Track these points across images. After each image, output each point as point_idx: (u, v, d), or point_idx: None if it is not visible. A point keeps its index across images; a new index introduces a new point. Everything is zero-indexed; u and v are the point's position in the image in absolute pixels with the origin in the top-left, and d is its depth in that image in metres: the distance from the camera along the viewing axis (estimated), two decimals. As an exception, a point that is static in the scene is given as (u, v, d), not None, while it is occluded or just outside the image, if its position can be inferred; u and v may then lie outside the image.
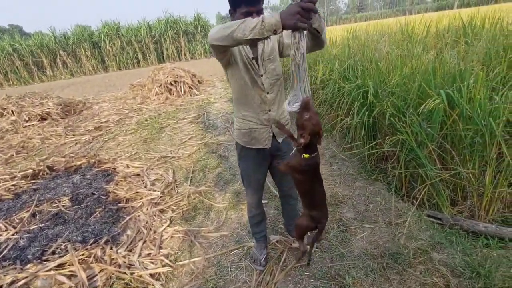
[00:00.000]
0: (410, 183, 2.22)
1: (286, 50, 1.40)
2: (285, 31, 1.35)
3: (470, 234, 1.82)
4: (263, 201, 2.46)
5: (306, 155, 1.12)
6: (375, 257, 1.76)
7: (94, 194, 2.85)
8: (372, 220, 2.07)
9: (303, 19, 0.93)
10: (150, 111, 6.16)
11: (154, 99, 7.10)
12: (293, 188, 1.79)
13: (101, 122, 5.60)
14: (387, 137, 2.21)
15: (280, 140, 1.54)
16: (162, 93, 7.20)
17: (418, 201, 2.02)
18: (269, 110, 1.44)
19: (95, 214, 2.51)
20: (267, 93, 1.40)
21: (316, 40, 1.20)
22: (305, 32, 1.03)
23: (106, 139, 4.69)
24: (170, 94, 7.24)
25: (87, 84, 12.56)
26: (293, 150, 1.20)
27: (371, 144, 2.44)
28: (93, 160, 3.62)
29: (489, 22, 3.79)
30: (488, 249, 1.68)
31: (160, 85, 7.33)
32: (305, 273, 1.74)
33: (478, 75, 1.93)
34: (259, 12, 1.25)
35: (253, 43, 1.35)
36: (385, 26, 5.90)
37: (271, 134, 1.49)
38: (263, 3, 1.28)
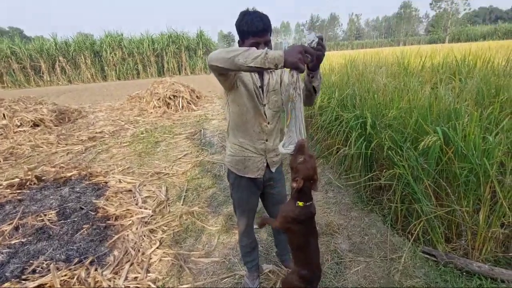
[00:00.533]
0: (406, 217, 2.22)
1: (283, 89, 1.43)
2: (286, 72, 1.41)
3: (464, 273, 1.80)
4: (255, 227, 2.41)
5: (300, 203, 1.07)
6: (370, 293, 1.72)
7: (82, 208, 2.76)
8: (367, 253, 2.04)
9: (303, 60, 0.99)
10: (146, 124, 6.13)
11: (151, 112, 7.10)
12: None
13: (96, 132, 5.54)
14: (384, 170, 2.23)
15: (273, 169, 1.53)
16: (160, 107, 7.22)
17: (413, 237, 2.01)
18: (266, 140, 1.45)
19: (81, 231, 2.42)
20: (268, 123, 1.42)
21: (309, 98, 1.30)
22: (299, 75, 1.06)
23: (100, 150, 4.62)
24: (168, 108, 7.26)
25: (84, 92, 12.53)
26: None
27: (368, 176, 2.45)
28: (84, 172, 3.55)
29: (480, 62, 3.96)
30: (482, 290, 1.66)
31: (159, 99, 7.36)
32: (298, 307, 1.68)
33: (472, 114, 1.99)
34: (267, 43, 1.28)
35: (258, 73, 1.37)
36: (382, 57, 6.12)
37: (265, 164, 1.49)
38: (270, 34, 1.31)
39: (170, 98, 7.41)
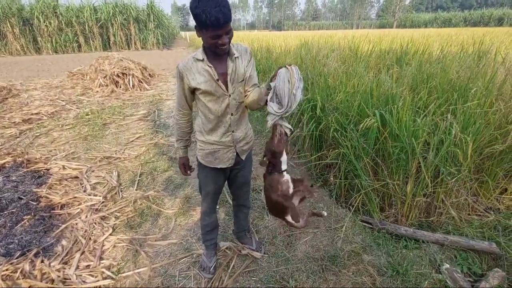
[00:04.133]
0: (348, 191, 2.47)
1: (248, 84, 1.41)
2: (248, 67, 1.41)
3: (394, 237, 2.11)
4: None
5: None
6: (316, 260, 1.93)
7: (21, 199, 2.52)
8: (315, 225, 2.25)
9: (185, 173, 1.66)
10: (92, 104, 5.64)
11: (97, 91, 6.53)
12: (248, 199, 1.86)
13: (31, 114, 4.94)
14: (331, 149, 2.42)
15: (243, 157, 1.56)
16: (107, 85, 6.66)
17: (354, 208, 2.26)
18: (233, 131, 1.45)
19: (22, 223, 2.24)
20: (232, 114, 1.41)
21: (256, 104, 1.36)
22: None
23: (38, 134, 4.16)
24: (116, 87, 6.73)
25: (14, 67, 10.91)
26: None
27: (317, 155, 2.64)
28: (20, 159, 3.20)
29: (419, 50, 4.37)
30: (406, 250, 1.98)
31: (105, 76, 6.77)
32: (252, 278, 1.82)
33: (406, 99, 2.24)
34: (228, 33, 1.20)
35: (215, 65, 1.31)
36: (335, 41, 6.37)
37: (235, 154, 1.51)
38: (231, 21, 1.20)
39: (118, 76, 6.85)
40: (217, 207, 2.50)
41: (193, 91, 1.38)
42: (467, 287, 1.66)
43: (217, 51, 1.26)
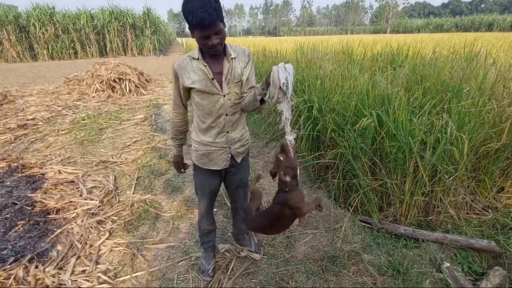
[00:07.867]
0: (347, 191, 2.47)
1: (245, 86, 1.38)
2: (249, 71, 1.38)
3: (393, 236, 2.10)
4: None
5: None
6: (316, 260, 1.91)
7: (15, 204, 2.48)
8: (314, 226, 2.24)
9: (179, 170, 1.69)
10: (88, 110, 5.61)
11: (93, 96, 6.50)
12: (246, 202, 1.84)
13: (27, 120, 4.89)
14: (329, 150, 2.42)
15: (239, 160, 1.55)
16: (103, 91, 6.63)
17: (353, 208, 2.26)
18: (227, 132, 1.44)
19: (16, 228, 2.19)
20: (226, 114, 1.39)
21: (252, 105, 1.32)
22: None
23: (33, 139, 4.12)
24: (113, 92, 6.71)
25: (10, 73, 10.85)
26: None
27: (314, 155, 2.65)
28: (15, 164, 3.16)
29: (412, 52, 4.43)
30: (406, 249, 1.97)
31: (102, 82, 6.75)
32: (252, 280, 1.79)
33: (401, 99, 2.26)
34: (218, 32, 1.19)
35: (209, 63, 1.31)
36: (330, 45, 6.44)
37: (230, 155, 1.49)
38: (221, 21, 1.19)
39: (115, 81, 6.83)
40: (215, 209, 2.47)
41: (189, 90, 1.37)
42: (468, 287, 1.65)
43: (209, 52, 1.26)
